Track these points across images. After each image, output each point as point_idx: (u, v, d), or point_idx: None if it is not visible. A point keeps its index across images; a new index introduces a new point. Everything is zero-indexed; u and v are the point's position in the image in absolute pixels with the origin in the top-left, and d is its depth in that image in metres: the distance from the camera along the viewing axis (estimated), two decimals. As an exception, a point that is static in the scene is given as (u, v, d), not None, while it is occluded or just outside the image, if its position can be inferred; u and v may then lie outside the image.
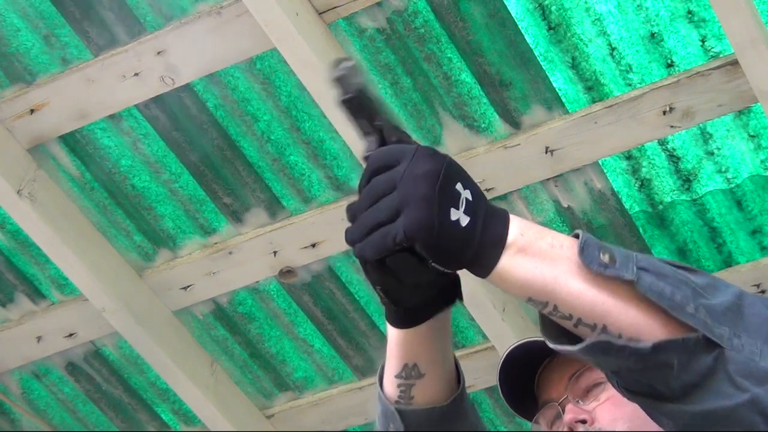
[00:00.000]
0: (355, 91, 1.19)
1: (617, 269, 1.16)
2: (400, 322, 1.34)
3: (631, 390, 1.22)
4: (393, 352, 1.38)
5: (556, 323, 1.21)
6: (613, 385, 1.26)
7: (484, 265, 1.17)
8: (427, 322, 1.32)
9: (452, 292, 1.31)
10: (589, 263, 1.16)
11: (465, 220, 1.14)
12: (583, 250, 1.17)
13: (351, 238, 1.18)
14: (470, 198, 1.16)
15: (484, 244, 1.16)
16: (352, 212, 1.19)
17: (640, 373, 1.18)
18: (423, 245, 1.13)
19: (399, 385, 1.38)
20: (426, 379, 1.37)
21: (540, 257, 1.17)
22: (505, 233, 1.17)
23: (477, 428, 1.47)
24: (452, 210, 1.14)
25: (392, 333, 1.36)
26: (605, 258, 1.17)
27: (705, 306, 1.17)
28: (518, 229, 1.18)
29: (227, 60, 2.50)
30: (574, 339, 1.20)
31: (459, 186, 1.15)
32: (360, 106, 1.20)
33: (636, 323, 1.16)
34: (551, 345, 1.20)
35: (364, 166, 1.20)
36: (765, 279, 2.63)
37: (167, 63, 2.51)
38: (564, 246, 1.18)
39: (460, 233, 1.14)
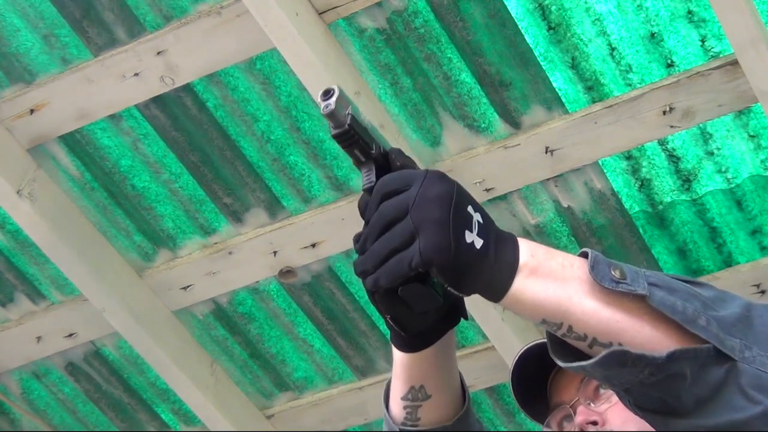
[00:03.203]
0: (345, 125, 1.16)
1: (629, 284, 1.16)
2: (407, 347, 1.32)
3: (642, 407, 1.21)
4: (399, 375, 1.36)
5: (564, 342, 1.20)
6: (624, 404, 1.25)
7: (498, 289, 1.15)
8: (433, 344, 1.32)
9: (457, 313, 1.31)
10: (602, 279, 1.15)
11: (479, 243, 1.13)
12: (593, 268, 1.16)
13: (363, 269, 1.15)
14: (481, 221, 1.15)
15: (497, 267, 1.15)
16: (362, 242, 1.16)
17: (652, 387, 1.17)
18: (440, 269, 1.11)
19: (405, 407, 1.37)
20: (432, 400, 1.37)
21: (552, 278, 1.16)
22: (516, 255, 1.16)
23: None
24: (467, 233, 1.12)
25: (398, 355, 1.34)
26: (616, 274, 1.16)
27: (715, 318, 1.17)
28: (528, 250, 1.17)
29: (227, 60, 2.50)
30: (583, 356, 1.19)
31: (470, 209, 1.14)
32: (352, 138, 1.17)
33: (650, 340, 1.16)
34: (563, 365, 1.19)
35: (363, 197, 1.18)
36: (765, 279, 2.63)
37: (167, 63, 2.51)
38: (574, 265, 1.17)
39: (475, 256, 1.13)
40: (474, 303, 2.64)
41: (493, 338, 2.74)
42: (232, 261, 2.82)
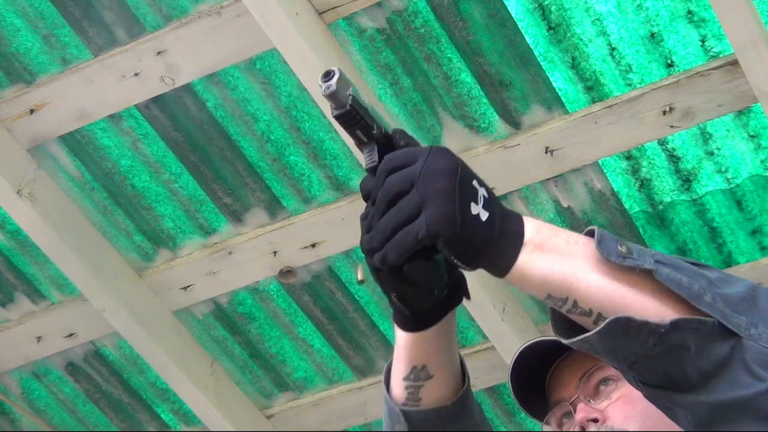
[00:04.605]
0: (346, 105, 1.17)
1: (636, 259, 1.16)
2: (410, 326, 1.32)
3: (647, 383, 1.22)
4: (401, 355, 1.36)
5: (567, 320, 1.20)
6: (628, 381, 1.25)
7: (503, 262, 1.16)
8: (436, 324, 1.32)
9: (459, 292, 1.31)
10: (608, 254, 1.16)
11: (484, 215, 1.14)
12: (600, 243, 1.17)
13: (370, 246, 1.14)
14: (486, 195, 1.15)
15: (503, 239, 1.15)
16: (369, 220, 1.16)
17: (657, 360, 1.17)
18: (446, 241, 1.11)
19: (407, 387, 1.37)
20: (434, 380, 1.37)
21: (557, 253, 1.16)
22: (521, 230, 1.16)
23: (481, 425, 1.46)
24: (472, 204, 1.13)
25: (401, 335, 1.34)
26: (623, 249, 1.17)
27: (721, 296, 1.18)
28: (534, 226, 1.18)
29: (227, 60, 2.50)
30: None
31: (475, 182, 1.15)
32: (353, 118, 1.18)
33: (655, 315, 1.16)
34: (566, 341, 1.19)
35: (366, 178, 1.18)
36: (765, 279, 2.63)
37: (167, 63, 2.51)
38: (579, 242, 1.18)
39: (481, 228, 1.13)
40: (474, 302, 2.65)
41: (493, 338, 2.74)
42: (232, 261, 2.82)
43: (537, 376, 1.70)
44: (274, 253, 2.78)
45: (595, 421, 1.58)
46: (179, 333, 2.95)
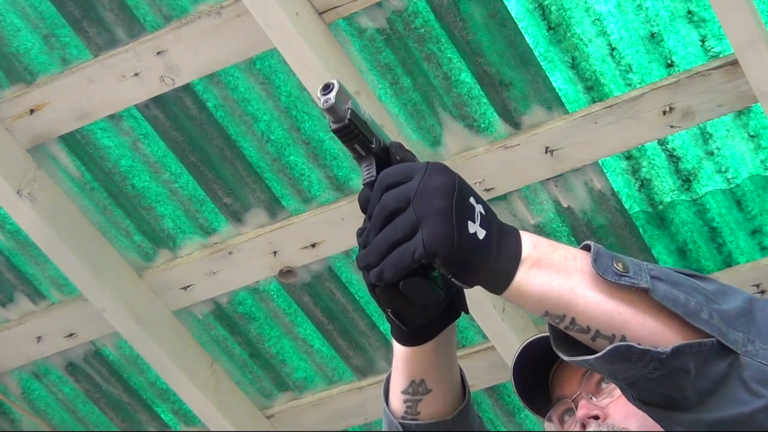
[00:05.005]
0: (344, 119, 1.16)
1: (632, 278, 1.16)
2: (407, 341, 1.32)
3: (646, 402, 1.21)
4: (399, 369, 1.35)
5: (567, 335, 1.20)
6: (627, 398, 1.25)
7: (501, 280, 1.15)
8: (434, 338, 1.31)
9: (458, 306, 1.30)
10: (604, 273, 1.15)
11: (482, 233, 1.13)
12: (596, 261, 1.16)
13: (366, 262, 1.14)
14: (483, 212, 1.15)
15: (500, 257, 1.14)
16: (365, 236, 1.15)
17: (656, 382, 1.17)
18: (443, 260, 1.11)
19: (405, 401, 1.37)
20: (433, 394, 1.36)
21: (555, 270, 1.16)
22: (519, 247, 1.16)
23: None
24: (469, 223, 1.12)
25: (399, 349, 1.34)
26: (619, 267, 1.16)
27: (718, 311, 1.17)
28: (531, 242, 1.17)
29: (227, 60, 2.50)
30: (587, 350, 1.19)
31: (473, 200, 1.14)
32: (352, 132, 1.17)
33: (653, 332, 1.16)
34: (567, 359, 1.19)
35: (363, 191, 1.18)
36: (765, 279, 2.63)
37: (167, 63, 2.51)
38: (577, 258, 1.17)
39: (478, 246, 1.12)
40: (474, 303, 2.64)
41: (493, 338, 2.74)
42: (232, 261, 2.82)
43: (540, 372, 1.70)
44: (274, 253, 2.78)
45: (596, 418, 1.58)
46: (179, 333, 2.95)
